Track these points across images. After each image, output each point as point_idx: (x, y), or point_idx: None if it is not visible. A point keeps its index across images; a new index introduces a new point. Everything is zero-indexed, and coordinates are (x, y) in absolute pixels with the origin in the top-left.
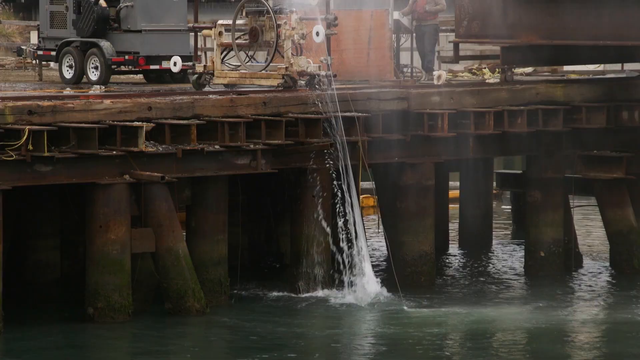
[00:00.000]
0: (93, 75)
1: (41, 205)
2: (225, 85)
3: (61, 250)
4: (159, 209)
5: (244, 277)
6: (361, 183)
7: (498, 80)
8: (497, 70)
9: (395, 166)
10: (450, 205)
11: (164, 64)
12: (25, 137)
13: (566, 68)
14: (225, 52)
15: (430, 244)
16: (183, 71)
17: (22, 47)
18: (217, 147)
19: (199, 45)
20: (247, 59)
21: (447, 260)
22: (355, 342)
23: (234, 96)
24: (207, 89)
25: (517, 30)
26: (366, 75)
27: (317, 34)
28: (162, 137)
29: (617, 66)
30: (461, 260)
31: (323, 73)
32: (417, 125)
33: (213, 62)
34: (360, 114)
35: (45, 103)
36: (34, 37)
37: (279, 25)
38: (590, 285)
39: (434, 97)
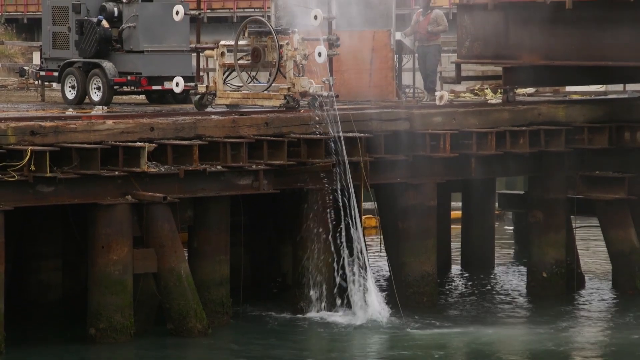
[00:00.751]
0: (95, 95)
1: (43, 226)
2: (228, 106)
3: (63, 270)
4: (161, 230)
5: (246, 298)
6: (363, 203)
7: (500, 100)
8: (499, 90)
9: (398, 187)
10: (452, 226)
11: (167, 85)
12: (27, 158)
13: (568, 89)
14: (227, 73)
15: (432, 265)
16: (185, 92)
17: (25, 67)
18: (219, 167)
19: (201, 66)
20: (249, 79)
21: (449, 281)
22: None
23: (236, 117)
24: (209, 109)
25: (519, 51)
26: (368, 95)
27: (319, 54)
28: (164, 158)
29: (619, 87)
30: (463, 281)
31: (325, 93)
32: (419, 145)
33: (215, 83)
34: (362, 134)
35: (48, 124)
36: (36, 58)
37: (281, 46)
38: (592, 306)
39: (436, 117)
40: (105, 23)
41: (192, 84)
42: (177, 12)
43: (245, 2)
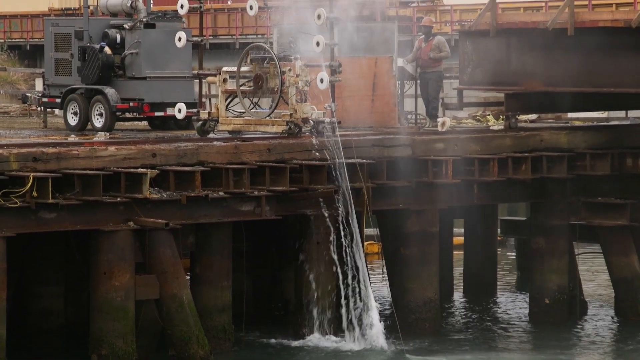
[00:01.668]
0: (98, 122)
1: (45, 252)
2: (230, 132)
3: (65, 297)
4: (163, 256)
5: (248, 324)
6: (365, 229)
7: (502, 127)
8: (501, 117)
9: (400, 213)
10: (454, 252)
11: (169, 111)
12: (29, 184)
13: (570, 115)
14: (229, 99)
15: (434, 291)
16: (187, 118)
17: (27, 94)
18: (221, 193)
19: (203, 92)
20: (252, 105)
21: (451, 307)
22: None
23: (238, 143)
24: (211, 135)
25: (521, 78)
26: (370, 121)
27: (322, 80)
28: (166, 184)
29: (621, 113)
30: (466, 307)
31: (327, 120)
32: (422, 171)
33: (217, 109)
34: (364, 160)
35: (50, 150)
36: (39, 85)
37: (283, 72)
38: (595, 333)
39: (438, 143)
40: (107, 49)
41: (195, 110)
42: (180, 39)
43: (249, 28)
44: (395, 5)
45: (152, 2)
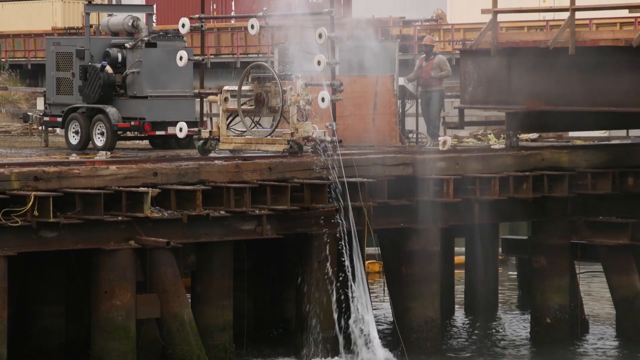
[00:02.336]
0: (99, 141)
1: (46, 271)
2: (231, 151)
3: (66, 316)
4: (164, 275)
5: (249, 343)
6: (366, 248)
7: (503, 146)
8: (502, 136)
9: (401, 231)
10: (456, 271)
11: (170, 130)
12: (30, 203)
13: (571, 134)
14: (230, 118)
15: (436, 310)
16: (189, 137)
17: (29, 113)
18: (222, 212)
19: (204, 111)
20: (253, 124)
21: (453, 326)
22: None
23: (239, 162)
24: (212, 154)
25: (522, 97)
26: (371, 140)
27: (323, 99)
28: (167, 203)
29: (622, 132)
30: (467, 326)
31: (328, 139)
32: (423, 190)
33: (219, 128)
34: (365, 179)
35: (51, 169)
36: (40, 104)
37: (284, 91)
38: (596, 352)
39: (439, 162)
40: (109, 69)
41: (196, 129)
42: (181, 58)
43: (251, 47)
44: (398, 24)
45: (155, 21)
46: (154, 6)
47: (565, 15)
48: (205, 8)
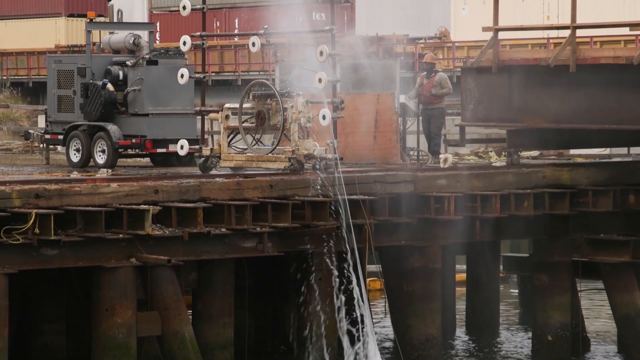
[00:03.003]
0: (100, 158)
1: (47, 289)
2: (232, 168)
3: (67, 333)
4: (165, 292)
5: None
6: (368, 266)
7: (504, 163)
8: (503, 153)
9: (402, 249)
10: (457, 288)
11: (171, 147)
12: (32, 221)
13: (572, 151)
14: (232, 136)
15: (437, 328)
16: (190, 154)
17: (30, 131)
18: (223, 230)
19: (205, 129)
20: (254, 142)
21: (454, 344)
22: None
23: (240, 179)
24: (213, 172)
25: (523, 114)
26: (372, 158)
27: (324, 117)
28: (168, 220)
29: (623, 150)
30: (468, 344)
31: (329, 156)
32: (424, 208)
33: (220, 145)
34: (366, 196)
35: (52, 187)
36: (41, 121)
37: (285, 109)
38: None
39: (441, 180)
40: (110, 86)
41: (197, 146)
42: (182, 75)
43: (255, 65)
44: (402, 42)
45: (158, 39)
46: (157, 24)
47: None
48: (208, 26)
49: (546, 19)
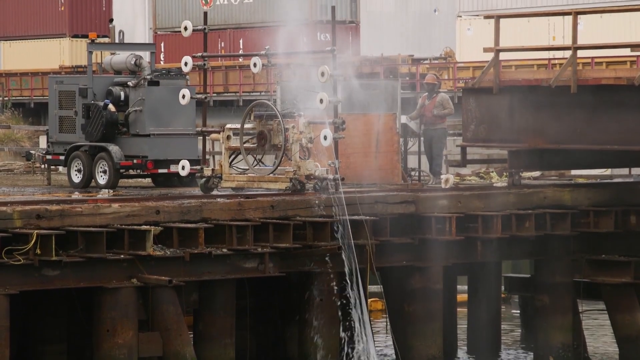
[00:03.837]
0: (101, 179)
1: (48, 310)
2: (233, 189)
3: (68, 354)
4: (166, 313)
5: None
6: (369, 286)
7: (505, 184)
8: (504, 174)
9: (403, 270)
10: (458, 309)
11: (173, 168)
12: (33, 242)
13: (574, 172)
14: (233, 156)
15: (438, 348)
16: (191, 175)
17: (31, 151)
18: (224, 250)
19: (207, 149)
20: (255, 162)
21: None
22: None
23: (241, 199)
24: (215, 192)
25: (524, 135)
26: (374, 178)
27: (325, 137)
28: (170, 241)
29: (625, 170)
30: None
31: (331, 176)
32: (425, 228)
33: (221, 166)
34: (367, 217)
35: (54, 207)
36: (42, 142)
37: (287, 129)
38: None
39: (442, 200)
40: (111, 107)
41: (198, 167)
42: (184, 96)
43: (260, 85)
44: (407, 62)
45: (162, 59)
46: (162, 44)
47: (581, 53)
48: (213, 46)
49: (552, 39)
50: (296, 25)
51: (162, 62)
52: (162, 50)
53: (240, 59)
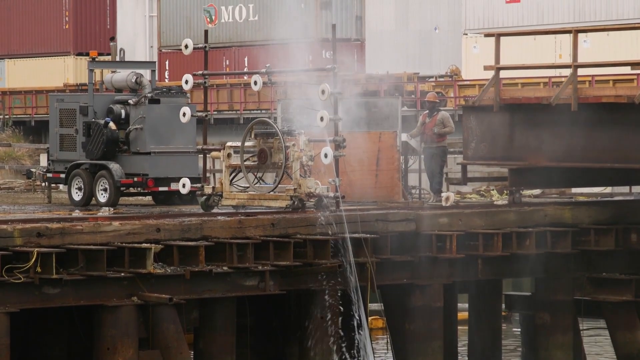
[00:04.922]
0: (102, 197)
1: (49, 328)
2: (234, 207)
3: None
4: (166, 331)
5: None
6: (370, 304)
7: (506, 202)
8: (505, 192)
9: (404, 287)
10: (459, 327)
11: (173, 186)
12: (33, 260)
13: (574, 190)
14: (233, 174)
15: None
16: (192, 193)
17: (32, 169)
18: (225, 268)
19: (207, 167)
20: (256, 180)
21: None
22: None
23: (242, 217)
24: (215, 210)
25: (525, 153)
26: (374, 196)
27: (326, 155)
28: (170, 259)
29: (625, 188)
30: None
31: (331, 194)
32: (426, 246)
33: (222, 184)
34: (368, 235)
35: (54, 225)
36: (43, 160)
37: (287, 147)
38: None
39: (442, 218)
40: (112, 125)
41: (199, 185)
42: (184, 114)
43: (264, 103)
44: (413, 80)
45: (167, 77)
46: (166, 62)
47: (586, 71)
48: (218, 64)
49: (558, 57)
50: (301, 44)
51: (166, 80)
52: (167, 67)
53: (245, 77)
